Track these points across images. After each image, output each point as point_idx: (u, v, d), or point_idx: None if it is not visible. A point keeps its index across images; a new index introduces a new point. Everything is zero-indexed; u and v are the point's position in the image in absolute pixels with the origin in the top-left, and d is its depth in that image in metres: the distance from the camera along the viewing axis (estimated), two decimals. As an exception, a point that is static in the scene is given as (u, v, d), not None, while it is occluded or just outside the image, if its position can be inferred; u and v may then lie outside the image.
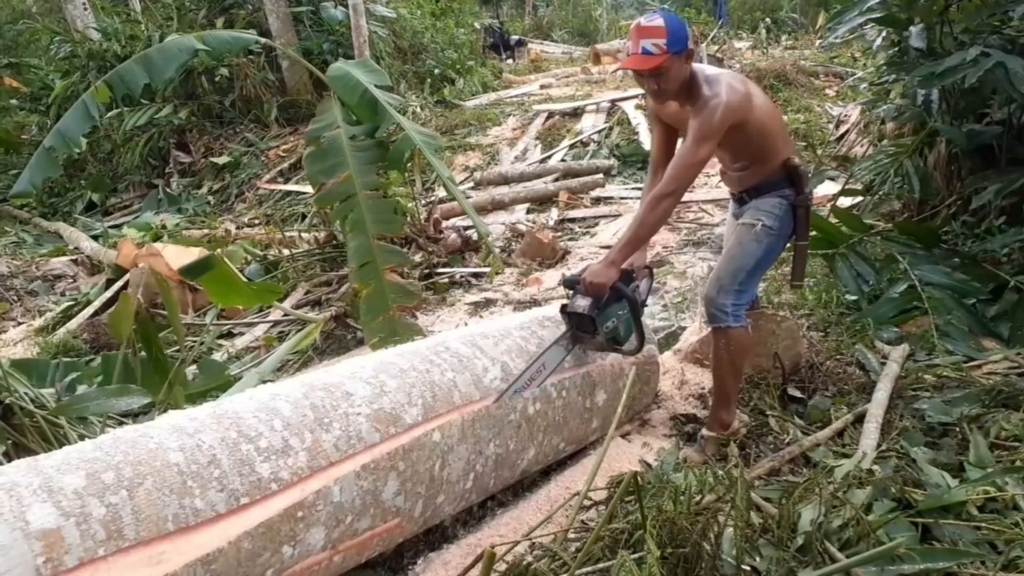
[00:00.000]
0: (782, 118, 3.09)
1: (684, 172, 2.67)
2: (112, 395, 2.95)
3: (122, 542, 1.71)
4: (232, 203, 10.31)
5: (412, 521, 2.36)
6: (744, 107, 2.70)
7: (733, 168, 2.99)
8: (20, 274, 7.73)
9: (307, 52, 10.83)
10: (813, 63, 11.42)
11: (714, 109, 2.63)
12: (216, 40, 5.17)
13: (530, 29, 23.10)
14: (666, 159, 3.00)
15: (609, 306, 2.75)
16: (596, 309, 2.71)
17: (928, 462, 2.61)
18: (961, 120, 4.45)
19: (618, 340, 2.83)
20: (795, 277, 3.12)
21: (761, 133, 2.80)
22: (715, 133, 2.65)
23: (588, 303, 2.71)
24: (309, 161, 4.70)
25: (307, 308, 5.67)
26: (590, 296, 2.71)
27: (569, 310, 2.79)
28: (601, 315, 2.72)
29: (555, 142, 9.76)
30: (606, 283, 2.70)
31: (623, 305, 2.81)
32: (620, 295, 2.78)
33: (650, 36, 2.60)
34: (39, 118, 11.84)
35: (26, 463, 1.83)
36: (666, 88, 2.70)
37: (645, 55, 2.61)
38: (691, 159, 2.65)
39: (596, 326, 2.72)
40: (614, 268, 2.71)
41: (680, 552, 1.97)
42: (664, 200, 2.68)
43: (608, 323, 2.76)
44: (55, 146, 4.73)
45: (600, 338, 2.76)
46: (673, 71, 2.65)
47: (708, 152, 2.67)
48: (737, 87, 2.70)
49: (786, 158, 2.88)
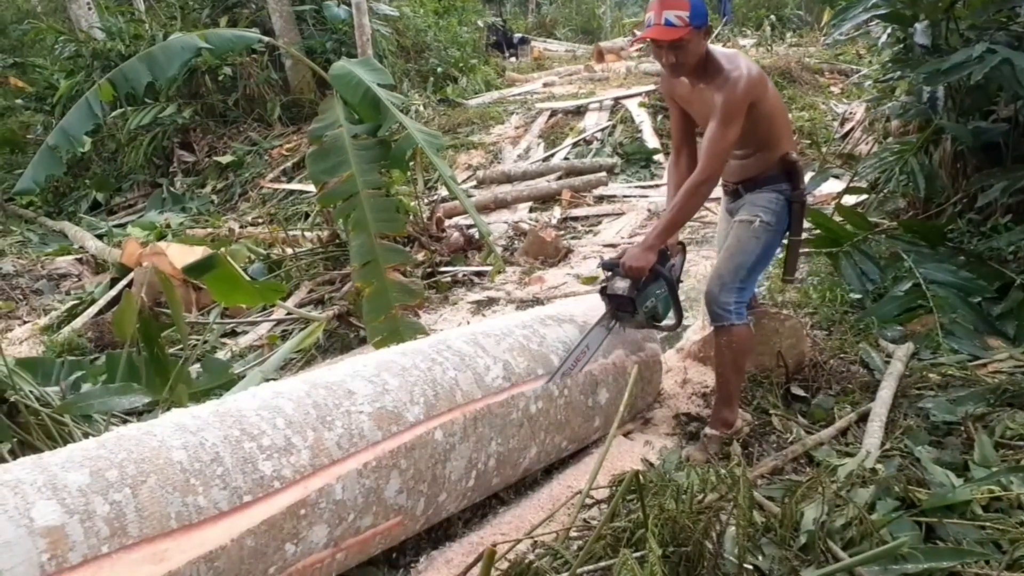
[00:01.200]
0: (786, 111, 3.11)
1: (717, 157, 2.72)
2: (116, 393, 2.96)
3: (126, 539, 1.71)
4: (236, 202, 10.32)
5: (414, 519, 2.36)
6: (762, 84, 2.75)
7: (736, 155, 2.98)
8: (25, 273, 7.75)
9: (310, 51, 10.84)
10: (818, 60, 11.39)
11: (737, 82, 2.66)
12: (219, 39, 5.16)
13: (533, 27, 23.10)
14: (686, 141, 3.11)
15: (648, 286, 2.87)
16: (635, 290, 2.83)
17: (932, 461, 2.60)
18: (967, 117, 4.43)
19: (657, 318, 2.96)
20: (787, 272, 3.15)
21: (769, 119, 2.82)
22: (740, 110, 2.68)
23: (627, 284, 2.83)
24: (311, 160, 4.70)
25: (310, 307, 5.67)
26: (629, 278, 2.83)
27: (609, 292, 2.90)
28: (640, 296, 2.85)
29: (558, 140, 9.76)
30: (645, 266, 2.80)
31: (660, 285, 2.91)
32: (658, 276, 2.88)
33: (674, 7, 2.62)
34: (44, 118, 11.87)
35: (31, 460, 1.84)
36: (684, 62, 2.72)
37: (668, 26, 2.63)
38: (721, 143, 2.69)
39: (636, 306, 2.84)
40: (652, 252, 2.81)
41: (682, 551, 1.97)
42: (702, 186, 2.74)
43: (648, 303, 2.88)
44: (58, 144, 4.73)
45: (640, 317, 2.89)
46: (692, 45, 2.67)
47: (736, 131, 2.70)
48: (753, 65, 2.76)
49: (785, 152, 2.90)
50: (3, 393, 2.76)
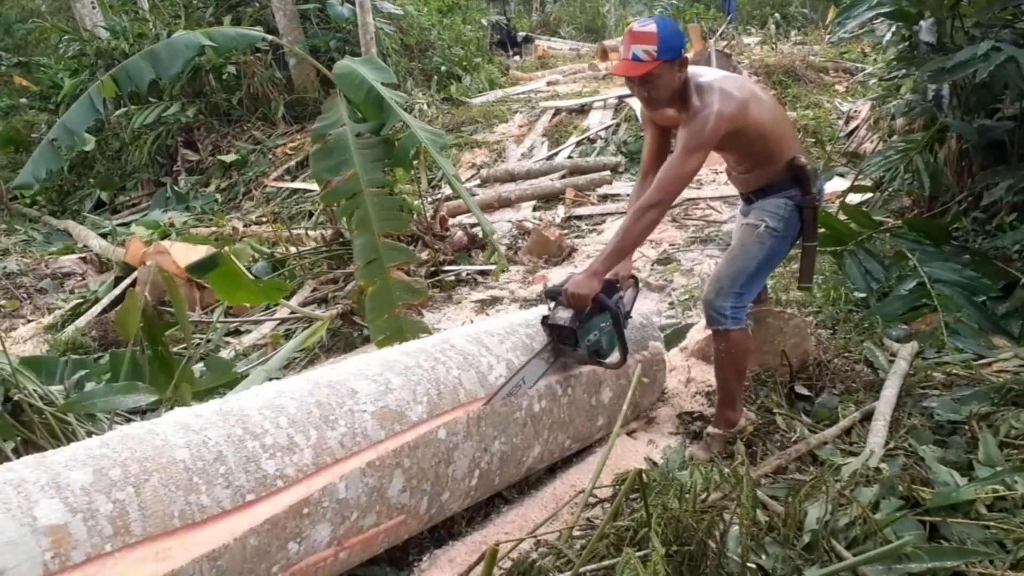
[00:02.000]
0: (787, 119, 3.03)
1: (672, 184, 2.61)
2: (120, 392, 2.97)
3: (129, 538, 1.71)
4: (239, 201, 10.34)
5: (417, 518, 2.36)
6: (738, 115, 2.62)
7: (737, 170, 2.96)
8: (30, 272, 7.78)
9: (314, 49, 10.84)
10: (823, 58, 11.36)
11: (704, 120, 2.57)
12: (223, 37, 5.17)
13: (537, 25, 23.08)
14: (656, 164, 2.91)
15: (591, 318, 2.68)
16: (578, 321, 2.64)
17: (937, 460, 2.59)
18: (972, 115, 4.42)
19: (601, 353, 2.76)
20: (803, 279, 3.06)
21: (763, 137, 2.74)
22: (705, 144, 2.59)
23: (570, 315, 2.64)
24: (315, 159, 4.70)
25: (314, 306, 5.68)
26: (572, 308, 2.64)
27: (550, 322, 2.71)
28: (583, 328, 2.65)
29: (562, 139, 9.75)
30: (588, 295, 2.63)
31: (605, 317, 2.72)
32: (603, 307, 2.70)
33: (641, 42, 2.55)
34: (48, 116, 11.90)
35: (34, 459, 1.85)
36: (656, 96, 2.65)
37: (635, 61, 2.57)
38: (680, 170, 2.60)
39: (578, 339, 2.65)
40: (596, 279, 2.64)
41: (685, 550, 1.97)
42: (650, 211, 2.62)
43: (590, 336, 2.69)
44: (58, 138, 4.73)
45: (582, 351, 2.69)
46: (664, 79, 2.59)
47: (698, 163, 2.61)
48: (732, 94, 2.62)
49: (792, 157, 2.80)
50: (7, 392, 2.77)
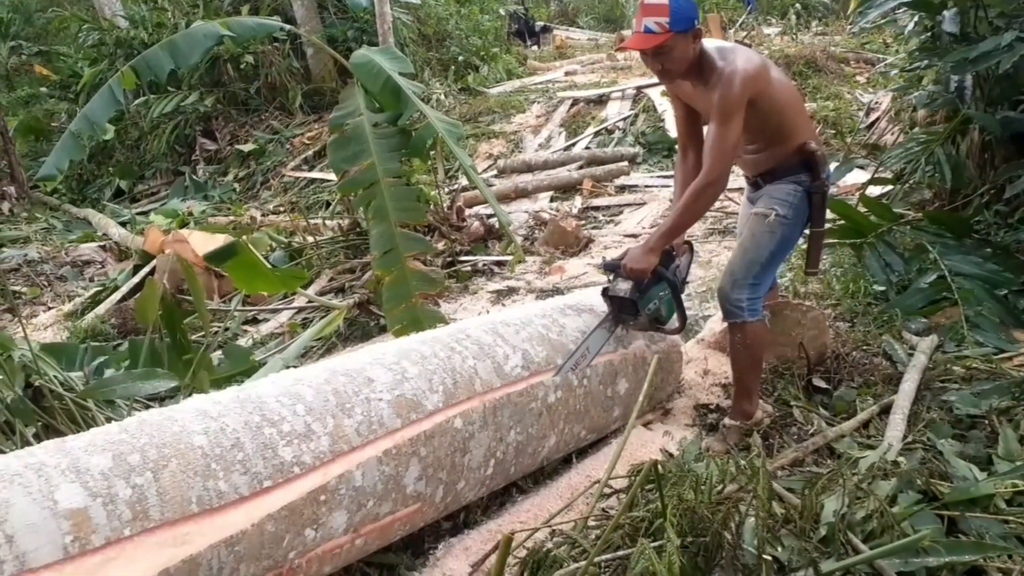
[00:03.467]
0: (801, 100, 3.01)
1: (720, 157, 2.63)
2: (138, 379, 3.00)
3: (147, 523, 1.73)
4: (257, 190, 10.38)
5: (433, 506, 2.37)
6: (762, 77, 2.64)
7: (748, 150, 2.91)
8: (50, 260, 7.85)
9: (331, 39, 10.84)
10: (844, 49, 11.22)
11: (731, 79, 2.58)
12: (241, 27, 5.19)
13: (555, 15, 22.95)
14: (692, 138, 2.99)
15: (650, 289, 2.79)
16: (638, 292, 2.75)
17: (955, 454, 2.57)
18: (995, 107, 4.35)
19: (660, 320, 2.89)
20: (809, 264, 3.06)
21: (779, 112, 2.73)
22: (738, 106, 2.60)
23: (629, 287, 2.75)
24: (332, 148, 4.71)
25: (331, 295, 5.70)
26: (631, 280, 2.75)
27: (611, 294, 2.82)
28: (643, 298, 2.77)
29: (579, 129, 9.70)
30: (647, 268, 2.73)
31: (663, 287, 2.84)
32: (660, 278, 2.81)
33: (652, 14, 2.55)
34: (68, 106, 11.98)
35: (55, 444, 1.87)
36: (671, 68, 2.65)
37: (646, 33, 2.57)
38: (723, 142, 2.61)
39: (638, 309, 2.77)
40: (654, 254, 2.73)
41: (700, 541, 1.96)
42: (708, 189, 2.66)
43: (650, 305, 2.81)
44: (80, 130, 4.78)
45: (643, 320, 2.82)
46: (678, 51, 2.59)
47: (737, 129, 2.62)
48: (753, 57, 2.66)
49: (803, 142, 2.79)
50: (28, 378, 2.80)
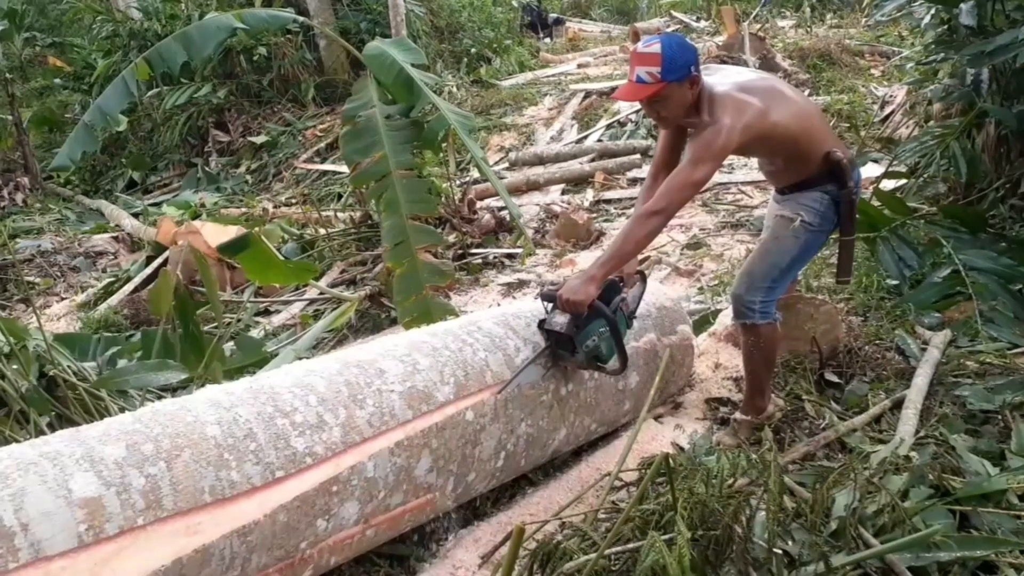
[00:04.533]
0: (819, 114, 2.92)
1: (678, 192, 2.52)
2: (151, 369, 3.02)
3: (160, 512, 1.74)
4: (270, 182, 10.41)
5: (444, 498, 2.37)
6: (755, 125, 2.52)
7: (768, 169, 2.89)
8: (63, 250, 7.90)
9: (344, 31, 10.84)
10: (859, 42, 11.14)
11: (715, 134, 2.48)
12: (254, 18, 5.20)
13: (568, 7, 22.86)
14: (668, 165, 2.83)
15: (590, 323, 2.52)
16: (575, 327, 2.50)
17: (968, 450, 2.56)
18: (1012, 100, 4.31)
19: (600, 359, 2.59)
20: (841, 273, 2.96)
21: (792, 139, 2.65)
22: (716, 157, 2.52)
23: (566, 321, 2.50)
24: (345, 140, 4.72)
25: (342, 287, 5.72)
26: (568, 313, 2.51)
27: (547, 327, 2.58)
28: (580, 334, 2.51)
29: (592, 122, 9.67)
30: (584, 301, 2.47)
31: (603, 323, 2.55)
32: (599, 313, 2.54)
33: (644, 63, 2.49)
34: (81, 97, 12.03)
35: (69, 433, 1.88)
36: (667, 116, 2.61)
37: (639, 84, 2.51)
38: (687, 179, 2.51)
39: (575, 345, 2.53)
40: (593, 284, 2.49)
41: (711, 534, 1.96)
42: (653, 217, 2.52)
43: (588, 342, 2.53)
44: (94, 122, 4.81)
45: (580, 357, 2.55)
46: (673, 99, 2.53)
47: (706, 173, 2.54)
48: (749, 103, 2.52)
49: (827, 152, 2.69)
50: (42, 367, 2.82)
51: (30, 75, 13.29)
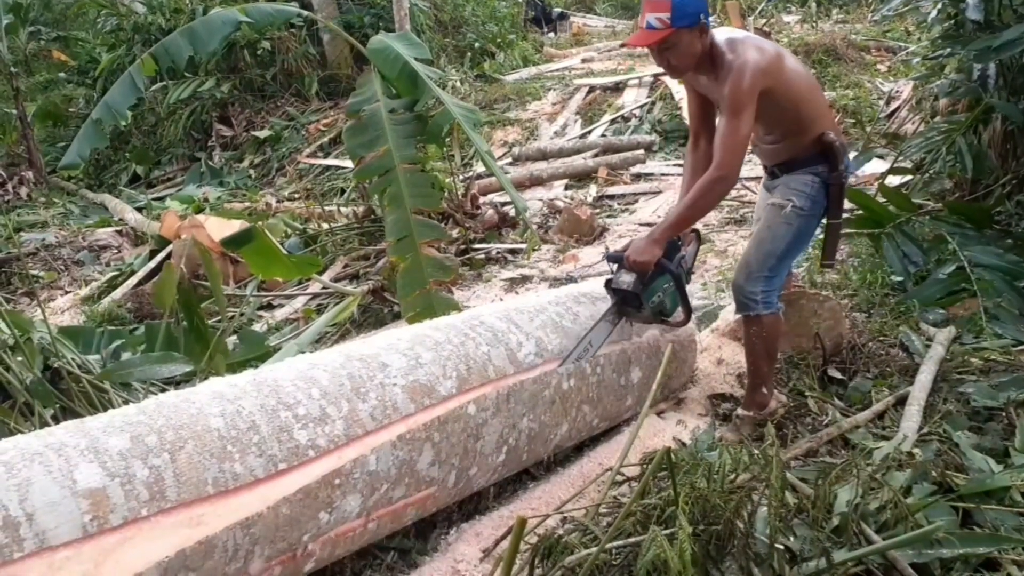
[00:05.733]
0: (820, 89, 2.96)
1: (731, 152, 2.57)
2: (155, 362, 3.02)
3: (164, 503, 1.75)
4: (273, 177, 10.42)
5: (446, 492, 2.38)
6: (774, 68, 2.59)
7: (765, 140, 2.88)
8: (67, 244, 7.92)
9: (348, 25, 10.84)
10: (864, 37, 11.11)
11: (741, 72, 2.53)
12: (259, 13, 5.20)
13: (572, 2, 22.75)
14: (704, 127, 2.94)
15: (654, 280, 2.73)
16: (641, 285, 2.69)
17: (971, 446, 2.55)
18: (1018, 96, 4.30)
19: (665, 313, 2.84)
20: (826, 256, 3.02)
21: (795, 102, 2.68)
22: (748, 99, 2.54)
23: (632, 279, 2.70)
24: (348, 135, 4.72)
25: (345, 281, 5.73)
26: (634, 272, 2.70)
27: (614, 286, 2.77)
28: (646, 291, 2.71)
29: (595, 117, 9.67)
30: (650, 260, 2.66)
31: (668, 279, 2.77)
32: (664, 270, 2.75)
33: (655, 10, 2.51)
34: (86, 91, 12.05)
35: (74, 424, 1.89)
36: (677, 64, 2.63)
37: (649, 30, 2.54)
38: (734, 136, 2.56)
39: (642, 302, 2.72)
40: (658, 246, 2.67)
41: (713, 529, 1.96)
42: (718, 184, 2.61)
43: (654, 298, 2.75)
44: (102, 118, 4.81)
45: (646, 312, 2.76)
46: (683, 46, 2.56)
47: (748, 123, 2.57)
48: (765, 48, 2.61)
49: (822, 132, 2.74)
50: (47, 360, 2.83)
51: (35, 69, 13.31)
